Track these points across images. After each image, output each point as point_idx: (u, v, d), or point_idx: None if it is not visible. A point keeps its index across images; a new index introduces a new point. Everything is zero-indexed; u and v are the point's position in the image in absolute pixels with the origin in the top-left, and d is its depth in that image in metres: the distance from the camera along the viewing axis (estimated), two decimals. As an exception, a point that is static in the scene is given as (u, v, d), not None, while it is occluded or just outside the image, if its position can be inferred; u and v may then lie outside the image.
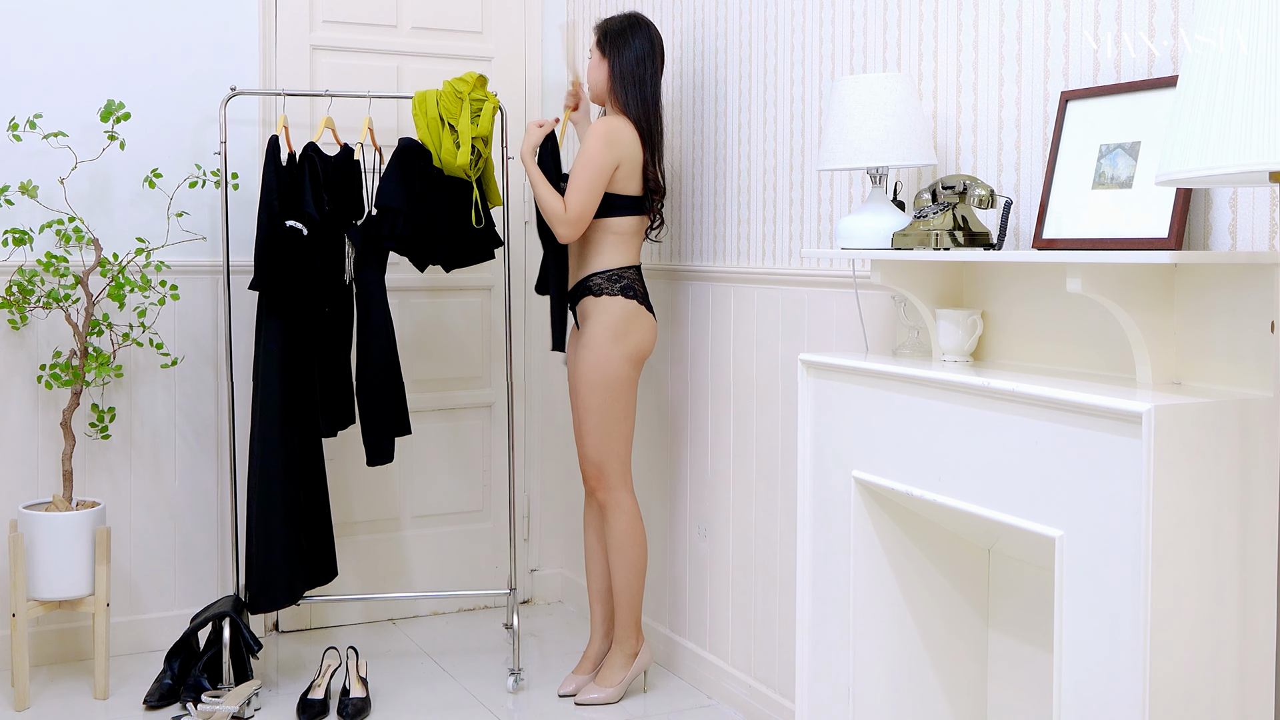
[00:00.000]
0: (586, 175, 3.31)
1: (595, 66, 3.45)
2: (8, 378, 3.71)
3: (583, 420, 3.43)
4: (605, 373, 3.38)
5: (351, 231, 3.53)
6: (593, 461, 3.45)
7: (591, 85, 3.49)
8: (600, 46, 3.43)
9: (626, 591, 3.51)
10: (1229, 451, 1.92)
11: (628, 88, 3.39)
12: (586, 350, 3.40)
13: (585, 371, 3.40)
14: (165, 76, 3.87)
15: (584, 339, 3.41)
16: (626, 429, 3.45)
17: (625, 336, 3.39)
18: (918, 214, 2.48)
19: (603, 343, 3.38)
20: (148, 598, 3.91)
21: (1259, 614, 1.96)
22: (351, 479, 4.18)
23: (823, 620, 2.61)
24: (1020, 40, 2.51)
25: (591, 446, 3.44)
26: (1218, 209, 2.12)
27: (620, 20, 3.45)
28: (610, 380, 3.38)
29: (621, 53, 3.40)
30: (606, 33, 3.43)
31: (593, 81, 3.48)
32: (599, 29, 3.45)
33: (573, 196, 3.32)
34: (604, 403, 3.40)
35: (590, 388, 3.40)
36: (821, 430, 2.60)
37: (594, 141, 3.33)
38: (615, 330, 3.38)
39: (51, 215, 3.68)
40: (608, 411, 3.40)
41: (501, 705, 3.53)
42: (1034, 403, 2.07)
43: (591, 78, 3.48)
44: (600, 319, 3.38)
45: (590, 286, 3.40)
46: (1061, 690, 2.03)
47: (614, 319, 3.38)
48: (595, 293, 3.39)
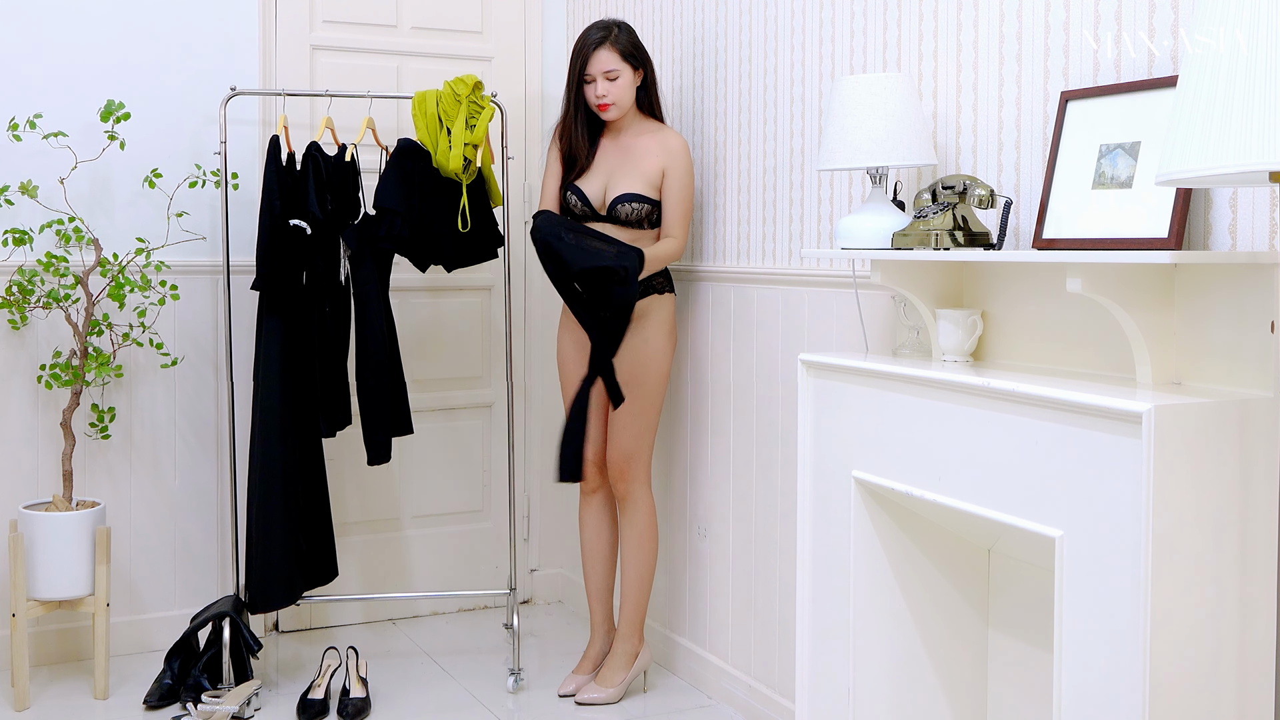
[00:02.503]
0: (689, 202, 3.45)
1: (627, 83, 3.39)
2: (8, 378, 3.71)
3: (624, 412, 3.46)
4: (661, 368, 3.47)
5: (347, 232, 3.53)
6: (625, 454, 3.48)
7: (622, 104, 3.41)
8: (629, 60, 3.39)
9: (638, 586, 3.53)
10: (1229, 451, 1.92)
11: (656, 95, 3.49)
12: (646, 345, 3.44)
13: (644, 365, 3.44)
14: (165, 76, 3.87)
15: (644, 335, 3.44)
16: (658, 422, 3.54)
17: (674, 332, 3.52)
18: (918, 214, 2.48)
19: (661, 338, 3.46)
20: (148, 598, 3.91)
21: (1259, 614, 1.96)
22: (351, 479, 4.18)
23: (823, 620, 2.61)
24: (1020, 40, 2.51)
25: (629, 440, 3.48)
26: (1218, 209, 2.12)
27: (625, 26, 3.43)
28: (663, 375, 3.48)
29: (647, 60, 3.43)
30: (631, 45, 3.39)
31: (625, 100, 3.41)
32: (614, 40, 3.38)
33: (681, 227, 3.44)
34: (652, 397, 3.47)
35: (644, 381, 3.45)
36: (821, 430, 2.60)
37: (688, 169, 3.43)
38: (670, 326, 3.49)
39: (51, 215, 3.68)
40: (652, 405, 3.48)
41: (501, 705, 3.53)
42: (1034, 403, 2.07)
43: (623, 96, 3.40)
44: (661, 315, 3.46)
45: (654, 285, 3.46)
46: (1061, 690, 2.03)
47: (670, 316, 3.49)
48: (659, 290, 3.46)
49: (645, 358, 3.44)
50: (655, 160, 3.41)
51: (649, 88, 3.47)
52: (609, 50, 3.38)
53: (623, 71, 3.39)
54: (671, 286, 3.50)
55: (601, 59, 3.38)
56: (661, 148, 3.42)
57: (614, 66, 3.38)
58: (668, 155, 3.42)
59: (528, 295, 4.43)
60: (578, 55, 3.41)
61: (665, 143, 3.43)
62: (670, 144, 3.43)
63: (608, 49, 3.38)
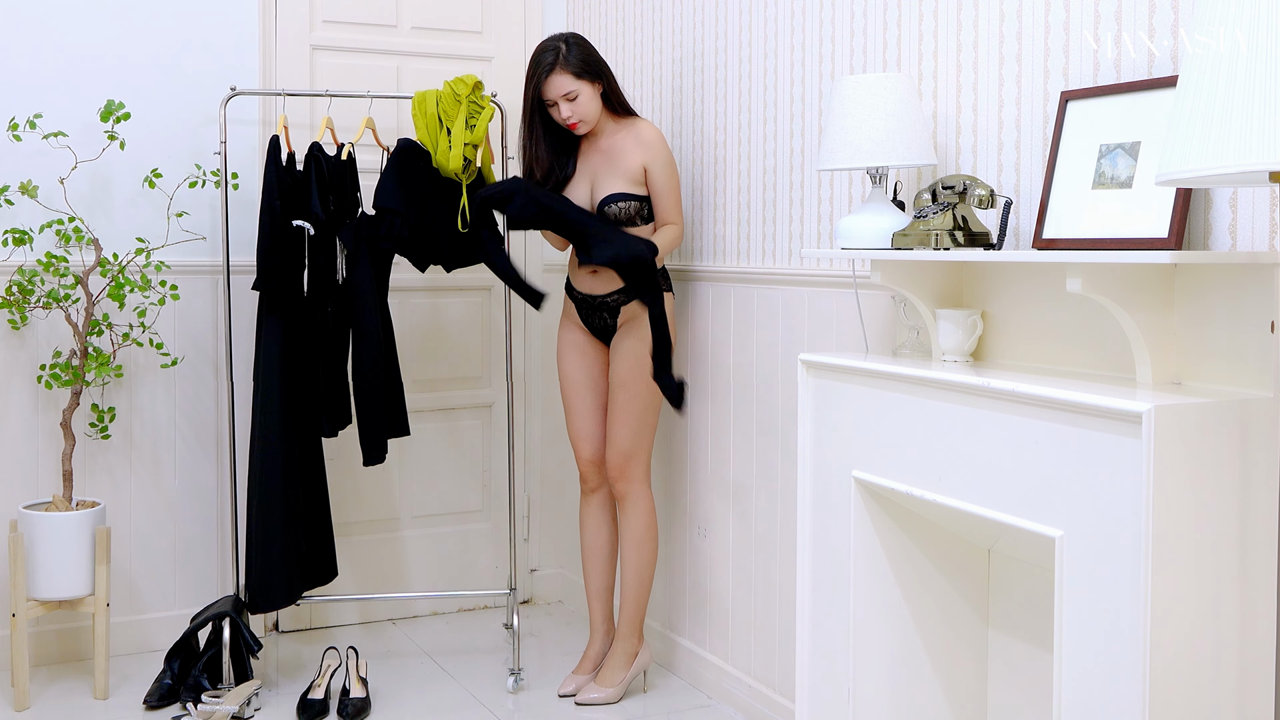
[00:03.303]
0: (678, 188, 3.48)
1: (589, 98, 3.39)
2: (8, 378, 3.71)
3: (624, 412, 3.46)
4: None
5: (343, 231, 3.53)
6: (623, 453, 3.48)
7: (589, 119, 3.42)
8: (584, 76, 3.37)
9: (638, 586, 3.53)
10: (1229, 451, 1.92)
11: (619, 94, 3.48)
12: (642, 344, 3.43)
13: (641, 364, 3.43)
14: (165, 76, 3.87)
15: (639, 333, 3.44)
16: (656, 422, 3.53)
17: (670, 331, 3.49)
18: (918, 214, 2.48)
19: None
20: (148, 598, 3.91)
21: (1259, 614, 1.96)
22: (351, 479, 4.18)
23: (823, 620, 2.61)
24: (1020, 40, 2.51)
25: (626, 438, 3.47)
26: (1218, 209, 2.12)
27: (574, 41, 3.40)
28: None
29: (600, 67, 3.42)
30: (581, 62, 3.37)
31: (590, 113, 3.41)
32: (565, 62, 3.36)
33: (677, 213, 3.47)
34: (649, 396, 3.46)
35: (641, 380, 3.44)
36: (821, 430, 2.60)
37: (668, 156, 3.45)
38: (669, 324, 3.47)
39: (51, 215, 3.68)
40: (650, 404, 3.47)
41: (501, 705, 3.53)
42: (1034, 403, 2.07)
43: (588, 111, 3.40)
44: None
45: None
46: (1061, 690, 2.03)
47: (669, 313, 3.46)
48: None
49: (642, 357, 3.44)
50: (634, 157, 3.42)
51: (611, 91, 3.45)
52: (561, 74, 3.36)
53: (581, 89, 3.37)
54: (669, 285, 3.49)
55: (556, 84, 3.37)
56: (638, 143, 3.42)
57: (571, 88, 3.37)
58: (645, 150, 3.42)
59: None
60: (530, 81, 3.40)
61: (640, 137, 3.43)
62: (645, 137, 3.43)
63: (559, 72, 3.36)
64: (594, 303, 3.51)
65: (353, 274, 3.53)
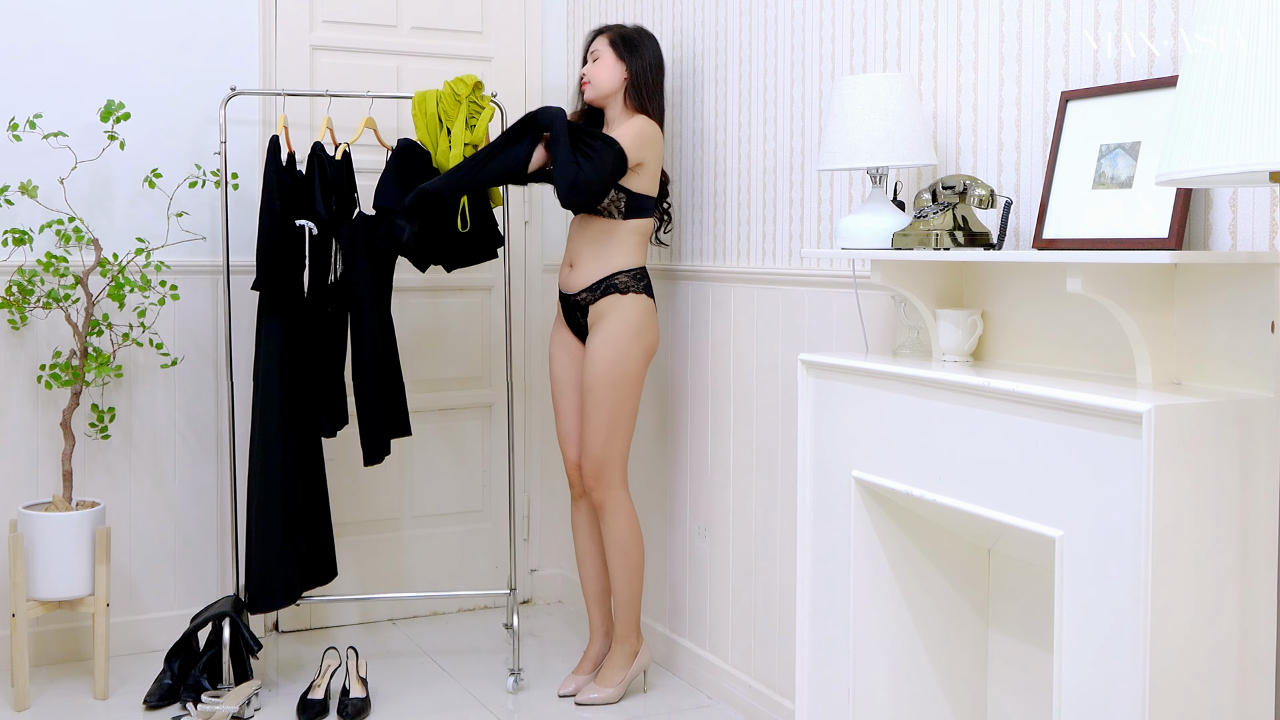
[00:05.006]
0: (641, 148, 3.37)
1: (608, 66, 3.46)
2: (8, 378, 3.71)
3: (592, 417, 3.43)
4: (625, 370, 3.40)
5: (341, 231, 3.53)
6: (596, 459, 3.45)
7: (598, 84, 3.48)
8: (615, 47, 3.46)
9: (627, 590, 3.51)
10: (1229, 451, 1.92)
11: (651, 92, 3.48)
12: (606, 347, 3.40)
13: (604, 368, 3.40)
14: (165, 76, 3.87)
15: (603, 335, 3.41)
16: (631, 427, 3.48)
17: (643, 335, 3.43)
18: (918, 214, 2.48)
19: (625, 340, 3.40)
20: (148, 598, 3.91)
21: (1259, 614, 1.96)
22: (351, 479, 4.18)
23: (823, 620, 2.61)
24: (1020, 40, 2.51)
25: (598, 445, 3.44)
26: (1218, 209, 2.12)
27: (637, 27, 3.53)
28: (629, 378, 3.41)
29: (641, 57, 3.46)
30: (623, 37, 3.48)
31: (601, 80, 3.47)
32: (612, 31, 3.50)
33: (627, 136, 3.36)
34: (619, 400, 3.41)
35: (608, 384, 3.40)
36: (821, 430, 2.60)
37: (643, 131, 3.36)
38: (637, 328, 3.41)
39: (51, 215, 3.68)
40: (620, 409, 3.42)
41: (501, 705, 3.53)
42: (1034, 403, 2.07)
43: (600, 76, 3.47)
44: (625, 316, 3.40)
45: (616, 284, 3.42)
46: (1061, 690, 2.03)
47: (638, 316, 3.41)
48: (622, 290, 3.42)
49: (608, 360, 3.39)
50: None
51: (635, 84, 3.45)
52: (601, 37, 3.51)
53: (604, 54, 3.47)
54: (641, 288, 3.42)
55: (592, 44, 3.53)
56: (624, 129, 3.38)
57: (597, 49, 3.49)
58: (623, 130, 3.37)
59: (528, 295, 4.43)
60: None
61: (629, 123, 3.40)
62: (632, 123, 3.39)
63: (601, 36, 3.51)
64: (569, 301, 3.52)
65: (351, 274, 3.53)
